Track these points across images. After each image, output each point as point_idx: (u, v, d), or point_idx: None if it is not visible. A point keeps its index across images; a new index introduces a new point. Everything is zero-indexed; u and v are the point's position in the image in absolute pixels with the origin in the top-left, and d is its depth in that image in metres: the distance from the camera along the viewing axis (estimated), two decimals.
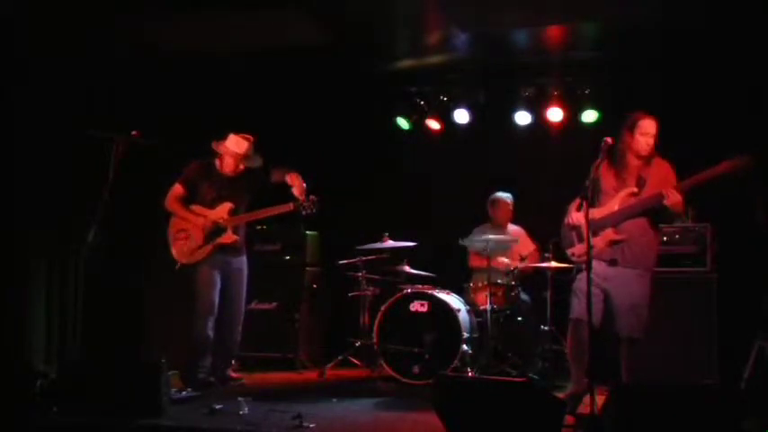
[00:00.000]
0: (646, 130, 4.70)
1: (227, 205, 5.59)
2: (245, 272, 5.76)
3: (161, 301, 6.42)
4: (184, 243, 5.57)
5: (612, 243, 4.68)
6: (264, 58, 6.59)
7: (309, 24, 6.02)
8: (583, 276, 4.79)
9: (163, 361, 4.49)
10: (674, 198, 4.45)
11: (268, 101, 7.05)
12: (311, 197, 5.48)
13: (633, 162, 4.77)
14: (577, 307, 4.71)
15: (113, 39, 6.04)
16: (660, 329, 4.97)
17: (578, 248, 4.87)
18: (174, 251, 5.60)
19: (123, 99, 6.10)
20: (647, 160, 4.75)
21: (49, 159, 5.86)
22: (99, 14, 5.70)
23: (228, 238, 5.57)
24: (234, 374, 5.88)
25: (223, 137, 5.63)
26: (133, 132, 5.01)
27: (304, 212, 5.49)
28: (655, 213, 4.72)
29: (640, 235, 4.70)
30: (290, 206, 5.52)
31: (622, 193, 4.75)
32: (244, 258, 5.77)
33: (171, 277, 5.62)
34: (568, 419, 4.15)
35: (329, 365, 6.51)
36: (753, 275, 5.56)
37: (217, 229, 5.56)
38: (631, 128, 4.72)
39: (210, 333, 5.50)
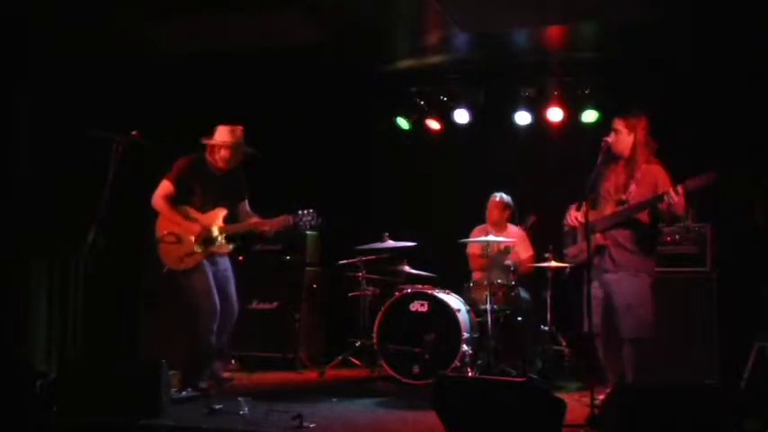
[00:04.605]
0: (615, 127, 4.74)
1: (222, 212, 5.39)
2: (231, 270, 5.55)
3: (161, 300, 6.41)
4: (174, 247, 5.29)
5: (597, 248, 4.69)
6: (264, 58, 6.59)
7: (310, 24, 6.02)
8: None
9: (163, 361, 4.49)
10: (673, 199, 4.39)
11: (268, 101, 7.04)
12: (311, 210, 5.32)
13: (620, 164, 4.79)
14: (587, 322, 4.77)
15: (113, 39, 6.04)
16: (660, 329, 4.97)
17: (571, 250, 4.96)
18: (161, 254, 5.34)
19: (123, 99, 6.09)
20: (635, 163, 4.74)
21: (50, 159, 5.86)
22: (99, 14, 5.71)
23: (225, 248, 5.39)
24: (225, 375, 5.74)
25: (211, 132, 5.40)
26: (133, 132, 4.99)
27: (303, 227, 5.37)
28: (657, 215, 4.72)
29: (625, 239, 4.69)
30: (290, 220, 5.34)
31: (616, 198, 4.78)
32: (227, 258, 5.56)
33: (171, 277, 5.58)
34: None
35: (329, 365, 6.52)
36: (753, 275, 5.57)
37: (210, 236, 5.35)
38: (609, 130, 4.77)
39: (214, 339, 5.32)
